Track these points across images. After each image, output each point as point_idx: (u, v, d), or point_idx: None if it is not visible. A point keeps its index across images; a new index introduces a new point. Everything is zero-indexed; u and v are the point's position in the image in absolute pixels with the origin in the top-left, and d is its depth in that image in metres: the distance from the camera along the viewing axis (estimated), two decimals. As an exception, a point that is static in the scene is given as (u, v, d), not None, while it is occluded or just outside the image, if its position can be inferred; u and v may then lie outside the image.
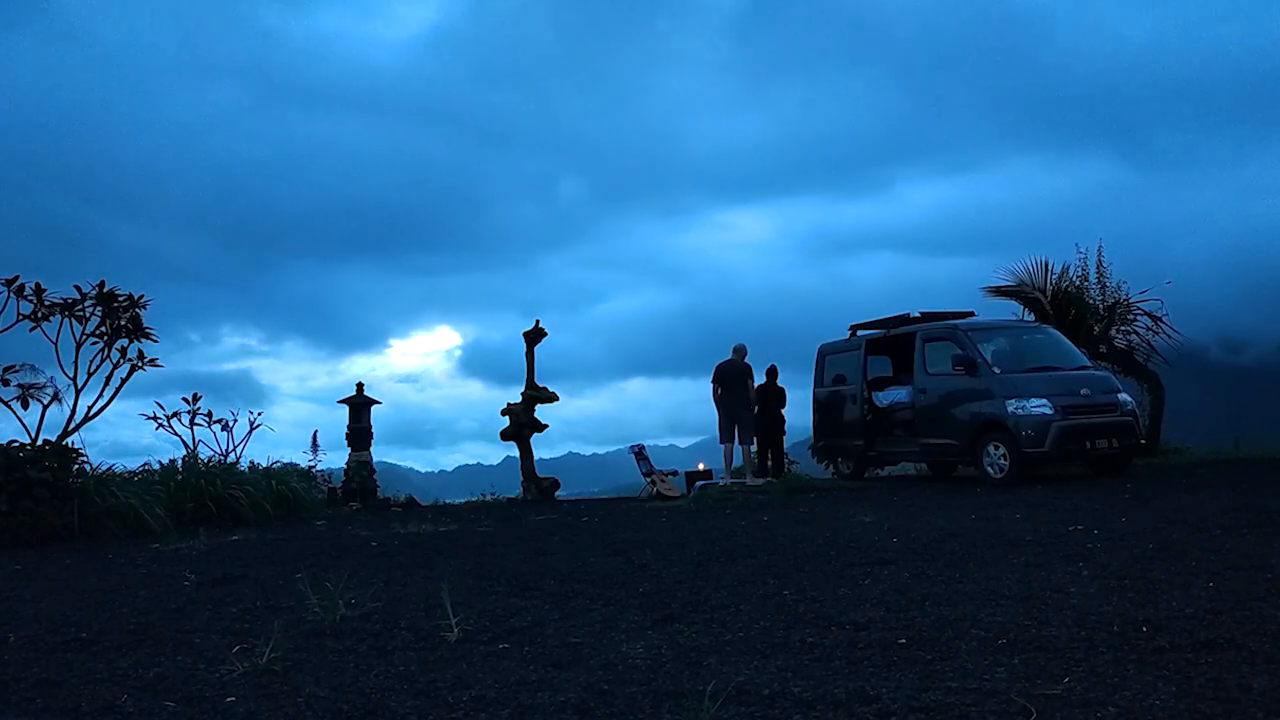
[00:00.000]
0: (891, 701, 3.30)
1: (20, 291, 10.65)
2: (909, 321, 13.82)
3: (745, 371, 14.39)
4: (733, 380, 14.28)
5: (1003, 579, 5.35)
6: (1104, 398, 11.93)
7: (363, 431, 14.48)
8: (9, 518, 9.38)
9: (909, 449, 13.62)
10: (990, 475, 11.74)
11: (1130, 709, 3.12)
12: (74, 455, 10.31)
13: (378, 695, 3.69)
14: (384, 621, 5.02)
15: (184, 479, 11.19)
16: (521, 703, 3.51)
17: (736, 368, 14.37)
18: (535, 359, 14.67)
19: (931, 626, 4.34)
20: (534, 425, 14.62)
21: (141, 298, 11.33)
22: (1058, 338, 13.18)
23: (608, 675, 3.83)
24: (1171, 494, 9.22)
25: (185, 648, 4.63)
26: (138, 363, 11.35)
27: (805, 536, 7.66)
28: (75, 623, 5.35)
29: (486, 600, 5.53)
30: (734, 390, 14.23)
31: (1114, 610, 4.44)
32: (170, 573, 7.19)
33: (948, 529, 7.59)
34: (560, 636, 4.55)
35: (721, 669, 3.83)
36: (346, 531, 10.01)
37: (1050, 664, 3.66)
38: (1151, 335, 14.78)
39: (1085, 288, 14.98)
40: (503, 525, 10.20)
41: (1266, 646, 3.73)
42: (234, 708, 3.61)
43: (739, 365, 14.39)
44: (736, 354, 14.44)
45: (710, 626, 4.61)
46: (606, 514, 11.16)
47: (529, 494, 14.33)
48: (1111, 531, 6.88)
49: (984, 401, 11.97)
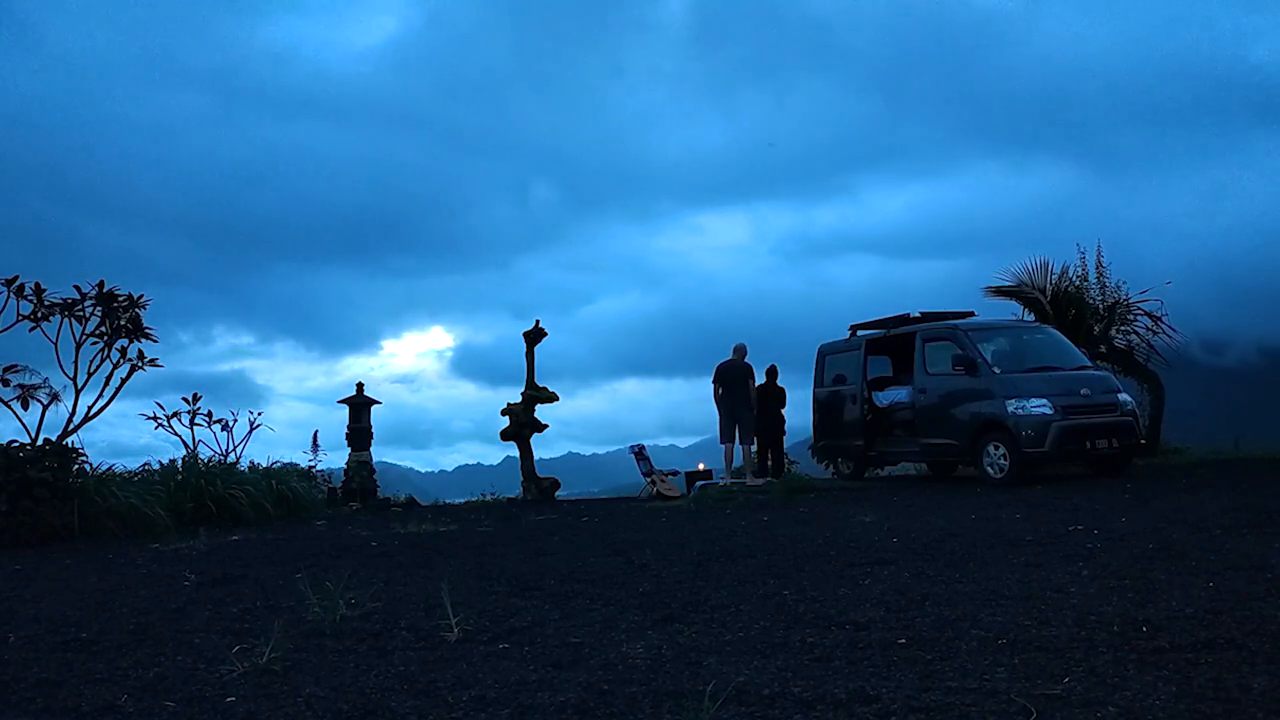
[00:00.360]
0: (891, 701, 3.30)
1: (20, 291, 10.65)
2: (909, 321, 13.82)
3: (746, 371, 14.38)
4: (733, 380, 14.28)
5: (1003, 579, 5.35)
6: (1104, 398, 11.93)
7: (363, 431, 14.48)
8: (9, 518, 9.37)
9: (909, 449, 13.62)
10: (990, 475, 11.74)
11: (1130, 709, 3.12)
12: (74, 455, 10.30)
13: (378, 695, 3.69)
14: (384, 621, 5.02)
15: (184, 479, 11.19)
16: (521, 703, 3.51)
17: (737, 368, 14.37)
18: (535, 359, 14.68)
19: (931, 626, 4.34)
20: (534, 425, 14.62)
21: (141, 297, 11.33)
22: (1058, 338, 13.18)
23: (608, 675, 3.83)
24: (1171, 494, 9.23)
25: (185, 648, 4.63)
26: (138, 363, 11.35)
27: (805, 536, 7.66)
28: (75, 623, 5.35)
29: (486, 600, 5.53)
30: (734, 390, 14.24)
31: (1114, 610, 4.44)
32: (170, 573, 7.19)
33: (948, 529, 7.59)
34: (560, 636, 4.55)
35: (721, 669, 3.83)
36: (346, 531, 10.01)
37: (1050, 664, 3.66)
38: (1151, 335, 14.79)
39: (1085, 288, 14.99)
40: (503, 525, 10.20)
41: (1266, 646, 3.74)
42: (234, 708, 3.61)
43: (739, 365, 14.39)
44: (737, 354, 14.45)
45: (710, 626, 4.61)
46: (606, 514, 11.16)
47: (529, 494, 14.33)
48: (1111, 531, 6.88)
49: (984, 401, 11.97)
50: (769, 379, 15.25)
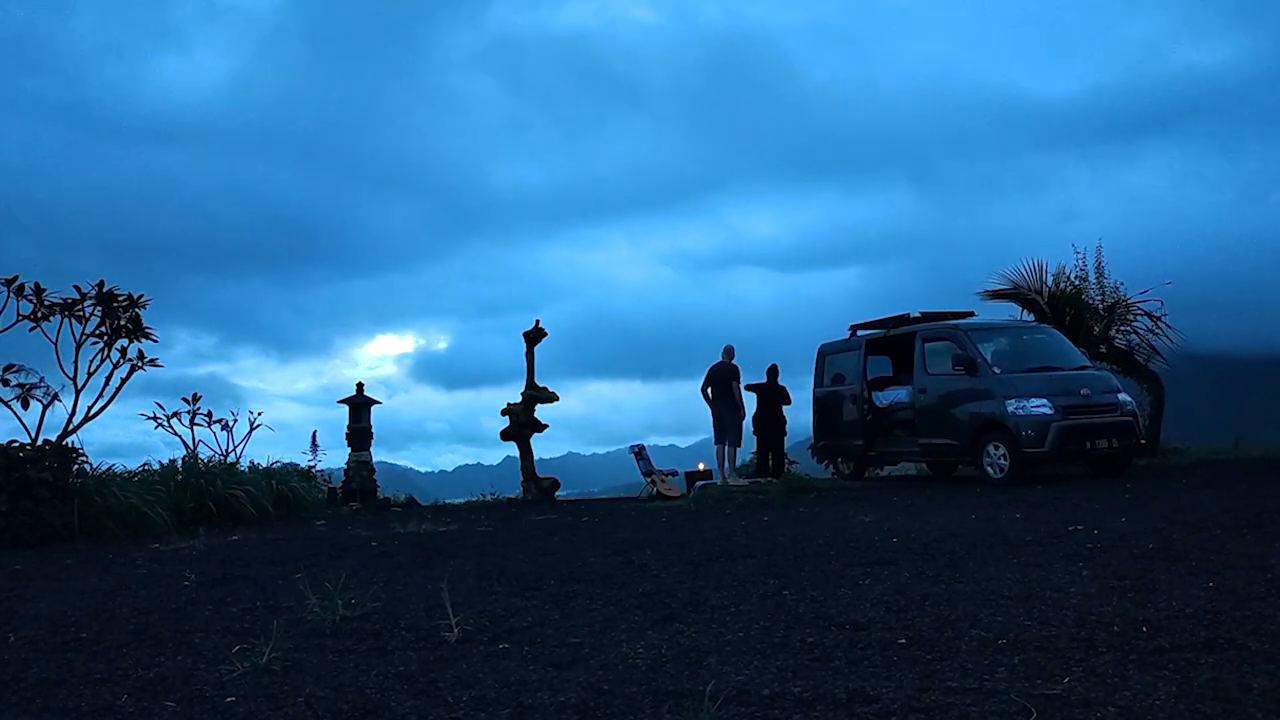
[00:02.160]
0: (891, 701, 3.30)
1: (20, 291, 10.65)
2: (909, 321, 13.81)
3: (732, 373, 14.58)
4: (719, 382, 14.52)
5: (1003, 579, 5.35)
6: (1104, 398, 11.93)
7: (363, 431, 14.47)
8: (9, 518, 9.37)
9: (909, 449, 13.62)
10: (990, 475, 11.74)
11: (1130, 709, 3.12)
12: (74, 455, 10.30)
13: (378, 695, 3.69)
14: (384, 621, 5.02)
15: (184, 479, 11.19)
16: (521, 703, 3.51)
17: (724, 369, 14.58)
18: (535, 359, 14.67)
19: (931, 626, 4.34)
20: (534, 425, 14.62)
21: (141, 297, 11.33)
22: (1058, 338, 13.18)
23: (608, 675, 3.83)
24: (1171, 494, 9.22)
25: (185, 648, 4.63)
26: (138, 363, 11.35)
27: (805, 536, 7.66)
28: (75, 623, 5.35)
29: (486, 600, 5.53)
30: (720, 392, 14.48)
31: (1114, 610, 4.44)
32: (170, 573, 7.19)
33: (948, 529, 7.59)
34: (560, 636, 4.55)
35: (721, 669, 3.83)
36: (346, 531, 10.01)
37: (1050, 664, 3.66)
38: (1151, 335, 14.79)
39: (1084, 288, 14.98)
40: (503, 525, 10.20)
41: (1266, 646, 3.73)
42: (234, 708, 3.61)
43: (726, 367, 14.60)
44: (725, 356, 14.67)
45: (710, 626, 4.61)
46: (606, 514, 11.16)
47: (529, 494, 14.33)
48: (1111, 531, 6.88)
49: (984, 401, 11.97)
50: (769, 378, 15.24)
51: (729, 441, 14.47)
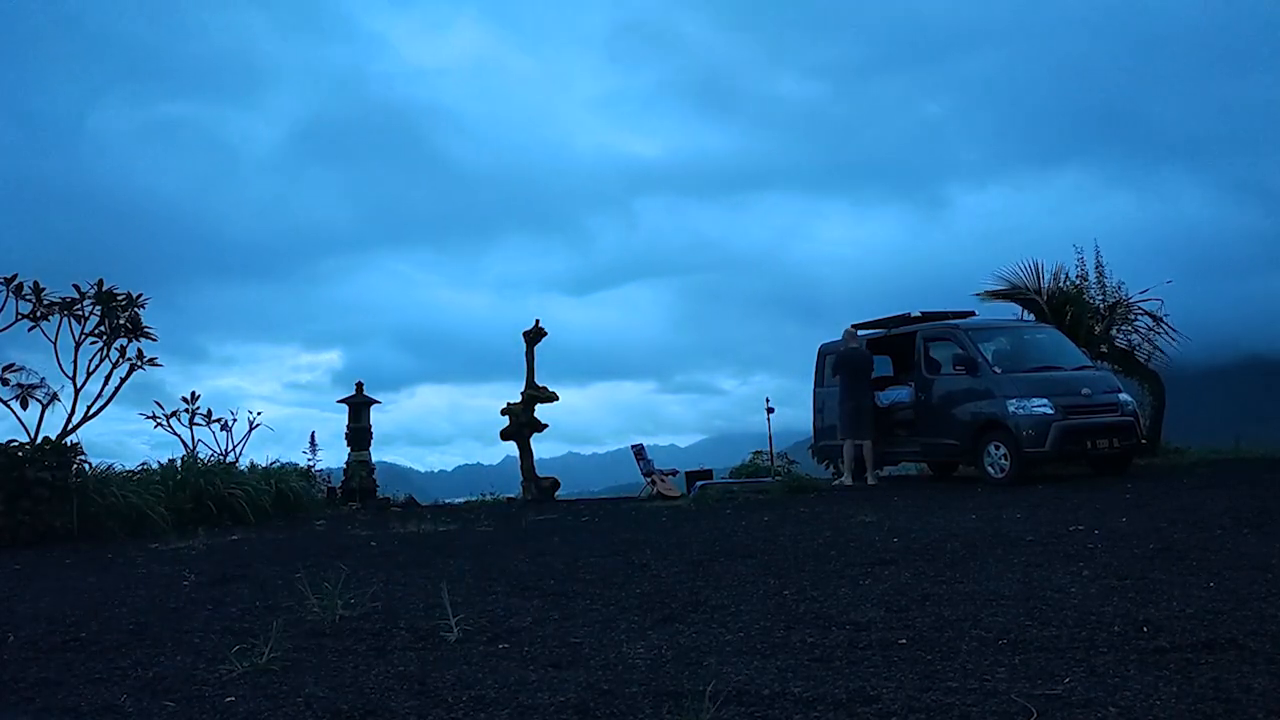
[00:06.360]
0: (891, 701, 3.29)
1: (19, 291, 10.65)
2: (909, 321, 13.80)
3: (869, 359, 13.40)
4: (859, 369, 13.33)
5: (1003, 579, 5.34)
6: (1105, 397, 11.93)
7: (362, 431, 14.48)
8: (8, 517, 9.37)
9: (909, 449, 13.61)
10: (991, 475, 11.74)
11: (1131, 709, 3.11)
12: (73, 454, 10.30)
13: (377, 695, 3.69)
14: (384, 621, 5.01)
15: (183, 478, 11.20)
16: (521, 703, 3.50)
17: (861, 356, 13.41)
18: (535, 359, 14.67)
19: (931, 626, 4.33)
20: (534, 425, 14.62)
21: (140, 296, 11.34)
22: (1059, 337, 13.17)
23: (608, 675, 3.83)
24: (1172, 494, 9.22)
25: (185, 647, 4.63)
26: (137, 362, 11.36)
27: (805, 536, 7.66)
28: (74, 622, 5.35)
29: (486, 600, 5.52)
30: (861, 380, 13.30)
31: (1114, 610, 4.43)
32: (169, 572, 7.18)
33: (948, 529, 7.59)
34: (560, 636, 4.54)
35: (721, 669, 3.82)
36: (346, 531, 10.01)
37: (1050, 664, 3.65)
38: (1153, 335, 14.77)
39: (1085, 288, 14.97)
40: (503, 525, 10.19)
41: (1266, 646, 3.73)
42: (234, 708, 3.61)
43: (862, 353, 13.43)
44: (850, 339, 13.54)
45: (710, 626, 4.60)
46: (606, 514, 11.16)
47: (529, 494, 14.33)
48: (1112, 531, 6.88)
49: (985, 401, 11.97)
50: None
51: (867, 435, 13.21)
